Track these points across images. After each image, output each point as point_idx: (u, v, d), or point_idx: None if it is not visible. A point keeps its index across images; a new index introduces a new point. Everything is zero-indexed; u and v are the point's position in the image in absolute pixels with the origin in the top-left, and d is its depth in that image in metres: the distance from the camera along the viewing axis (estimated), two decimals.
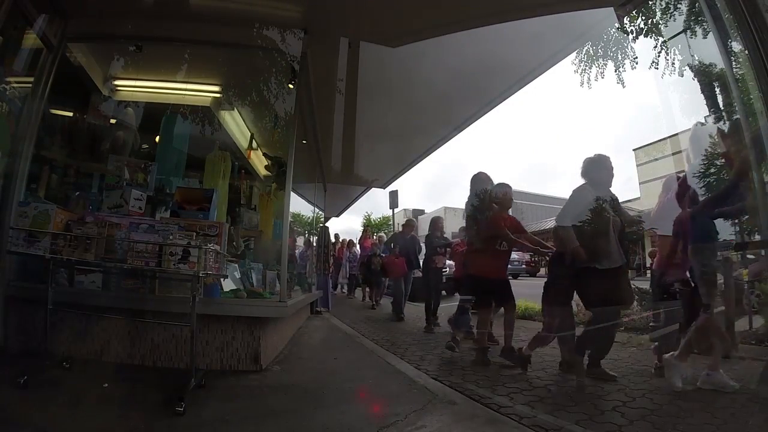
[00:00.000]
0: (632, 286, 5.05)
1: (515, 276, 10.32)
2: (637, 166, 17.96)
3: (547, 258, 3.68)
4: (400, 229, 7.86)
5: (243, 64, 4.04)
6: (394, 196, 10.36)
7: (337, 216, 12.09)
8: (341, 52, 3.83)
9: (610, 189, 3.22)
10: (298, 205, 8.46)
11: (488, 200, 3.87)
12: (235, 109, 4.59)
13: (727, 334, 2.88)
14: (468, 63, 4.23)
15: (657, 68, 4.17)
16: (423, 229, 8.00)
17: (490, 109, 5.30)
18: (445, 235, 5.87)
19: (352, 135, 5.79)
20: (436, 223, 5.75)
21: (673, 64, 4.12)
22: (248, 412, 2.18)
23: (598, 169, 3.19)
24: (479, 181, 4.02)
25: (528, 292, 5.51)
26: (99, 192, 3.24)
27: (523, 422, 2.13)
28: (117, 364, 2.69)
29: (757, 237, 2.67)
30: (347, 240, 10.44)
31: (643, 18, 4.05)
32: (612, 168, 3.23)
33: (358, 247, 10.20)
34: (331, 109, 4.92)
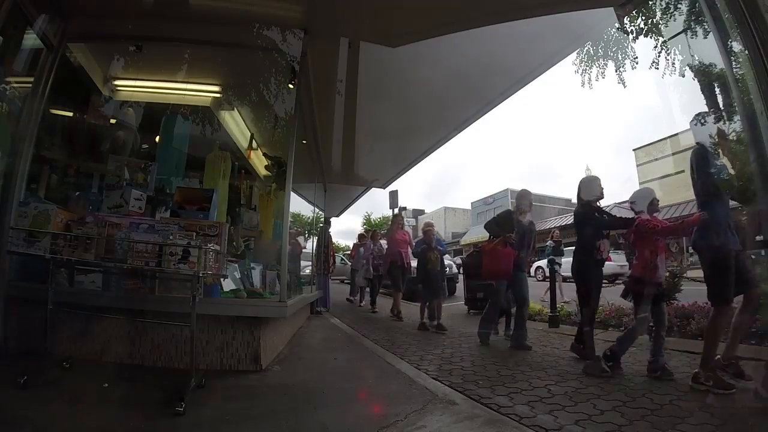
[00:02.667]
0: None
1: (612, 280, 7.24)
2: (637, 166, 18.05)
3: None
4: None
5: (243, 64, 4.04)
6: (394, 196, 10.35)
7: (337, 216, 12.11)
8: (341, 52, 3.83)
9: None
10: (298, 205, 8.47)
11: None
12: (235, 109, 4.59)
13: None
14: (468, 63, 4.23)
15: (657, 68, 4.18)
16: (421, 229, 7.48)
17: (490, 109, 5.31)
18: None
19: (352, 135, 5.80)
20: (593, 185, 3.57)
21: (674, 64, 4.13)
22: (248, 412, 2.18)
23: None
24: None
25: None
26: (99, 192, 3.24)
27: (523, 422, 2.13)
28: (117, 364, 2.70)
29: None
30: (372, 232, 8.68)
31: (643, 18, 4.05)
32: None
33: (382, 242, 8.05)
34: (331, 109, 4.93)
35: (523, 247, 4.42)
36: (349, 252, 13.69)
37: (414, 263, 6.36)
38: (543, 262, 12.56)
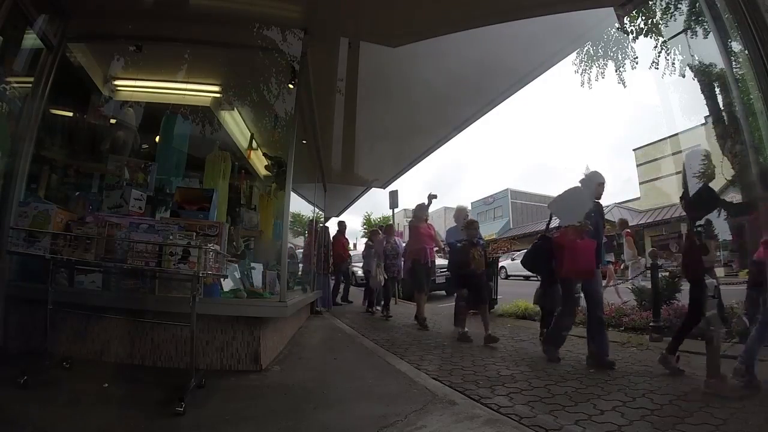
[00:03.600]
0: (633, 285, 5.08)
1: None
2: (637, 166, 18.06)
3: None
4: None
5: (243, 64, 4.04)
6: (394, 196, 10.32)
7: (337, 216, 12.11)
8: (341, 52, 3.83)
9: None
10: (298, 205, 8.46)
11: None
12: (235, 109, 4.60)
13: None
14: (468, 63, 4.23)
15: (657, 68, 4.19)
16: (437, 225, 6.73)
17: (490, 109, 5.32)
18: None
19: (352, 135, 5.80)
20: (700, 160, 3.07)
21: (673, 64, 4.15)
22: (248, 412, 2.18)
23: None
24: None
25: (525, 291, 5.35)
26: (99, 192, 3.24)
27: (523, 422, 2.13)
28: (117, 364, 2.70)
29: None
30: (387, 227, 7.64)
31: (643, 18, 4.07)
32: None
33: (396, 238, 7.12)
34: (331, 109, 4.93)
35: (598, 239, 3.56)
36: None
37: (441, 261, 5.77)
38: (506, 262, 12.16)
